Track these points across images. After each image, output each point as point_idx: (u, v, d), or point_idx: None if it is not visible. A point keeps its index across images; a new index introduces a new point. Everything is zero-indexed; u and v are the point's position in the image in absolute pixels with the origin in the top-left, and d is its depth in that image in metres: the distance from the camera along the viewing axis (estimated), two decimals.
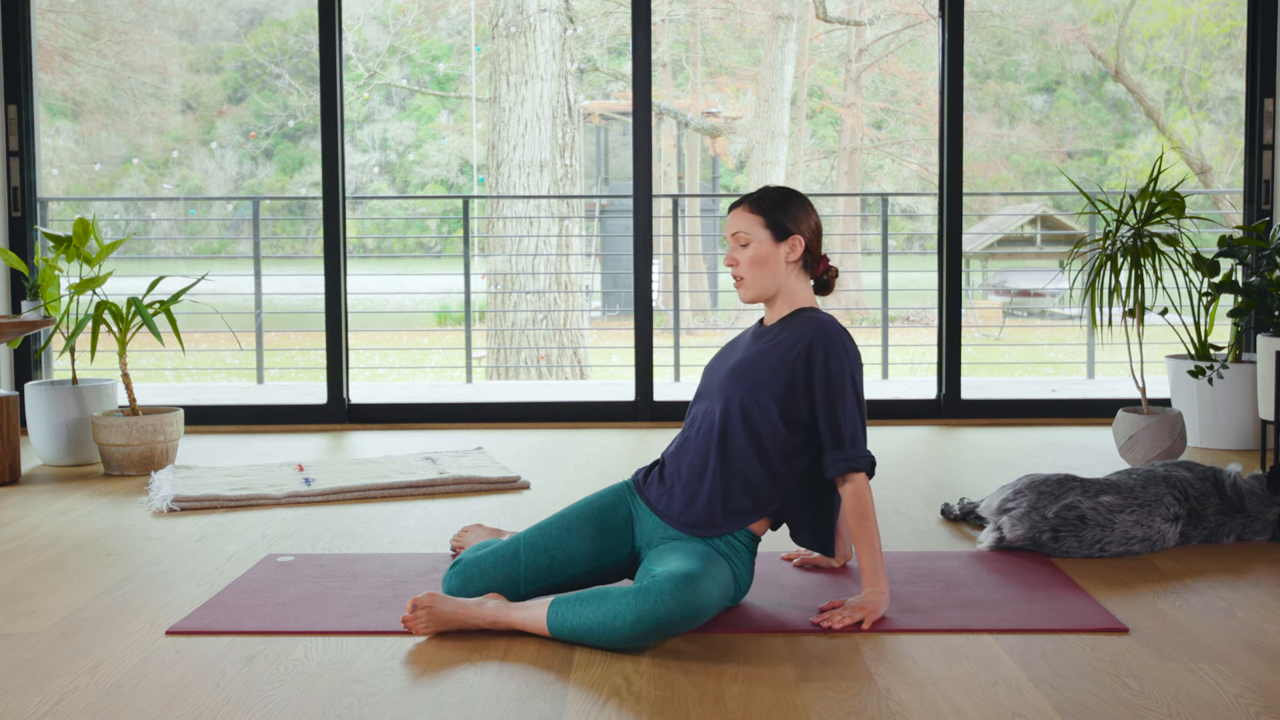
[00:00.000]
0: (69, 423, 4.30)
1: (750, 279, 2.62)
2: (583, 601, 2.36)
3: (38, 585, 2.88)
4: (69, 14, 13.68)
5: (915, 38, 15.28)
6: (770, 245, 2.61)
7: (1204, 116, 14.83)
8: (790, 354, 2.56)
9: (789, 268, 2.63)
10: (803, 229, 2.62)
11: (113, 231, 12.97)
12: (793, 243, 2.61)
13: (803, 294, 2.67)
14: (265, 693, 2.18)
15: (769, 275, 2.62)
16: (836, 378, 2.53)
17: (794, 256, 2.62)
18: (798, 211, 2.63)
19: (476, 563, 2.60)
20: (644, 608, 2.28)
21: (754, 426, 2.55)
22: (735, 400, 2.57)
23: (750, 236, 2.61)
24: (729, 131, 15.71)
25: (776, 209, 2.62)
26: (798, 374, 2.55)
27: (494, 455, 4.41)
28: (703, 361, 10.78)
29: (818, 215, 2.68)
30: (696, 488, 2.57)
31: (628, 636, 2.30)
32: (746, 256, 2.61)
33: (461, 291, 7.85)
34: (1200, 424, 4.54)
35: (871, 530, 2.54)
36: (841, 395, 2.53)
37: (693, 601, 2.31)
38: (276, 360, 10.49)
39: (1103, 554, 3.03)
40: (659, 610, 2.28)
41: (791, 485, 2.59)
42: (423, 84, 16.19)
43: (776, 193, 2.65)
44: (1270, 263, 4.32)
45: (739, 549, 2.56)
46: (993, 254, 15.98)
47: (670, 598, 2.29)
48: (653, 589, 2.30)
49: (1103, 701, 2.13)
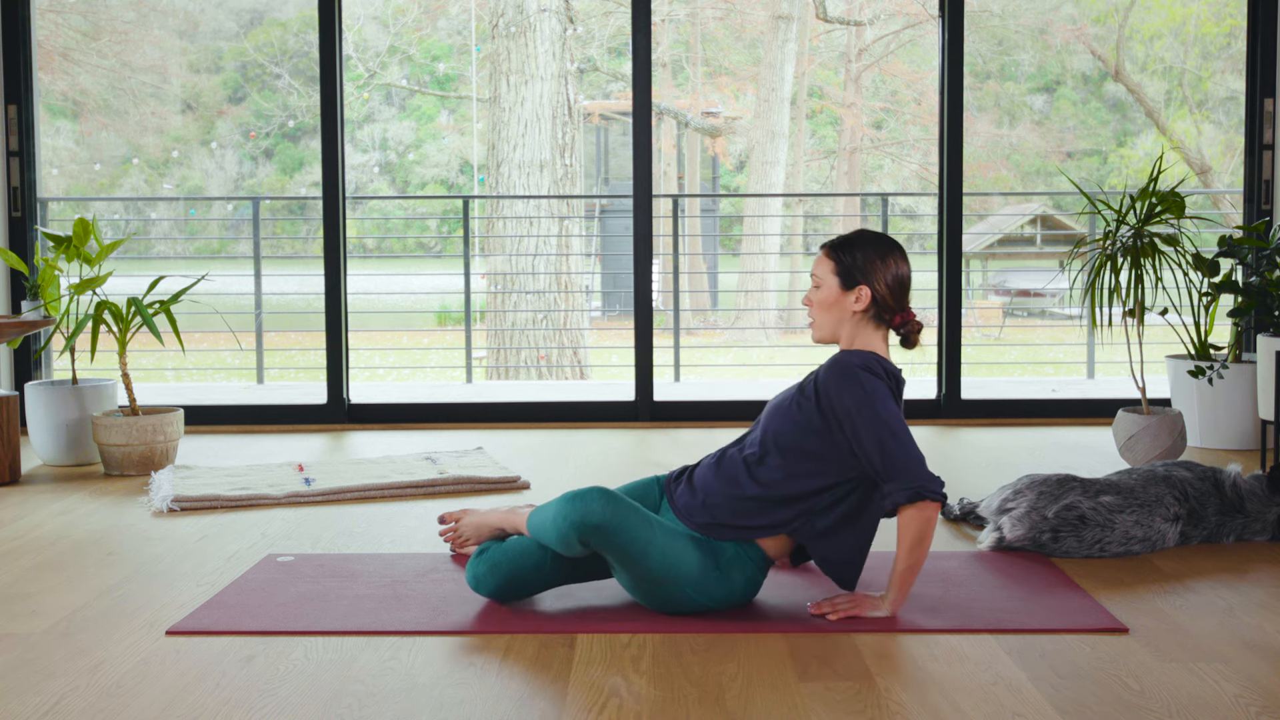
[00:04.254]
0: (69, 423, 4.30)
1: (818, 320, 2.68)
2: (543, 508, 2.60)
3: (38, 585, 2.88)
4: (69, 14, 13.68)
5: (915, 38, 15.28)
6: (837, 292, 2.64)
7: (1204, 116, 14.82)
8: (809, 392, 2.60)
9: (856, 317, 2.64)
10: (874, 280, 2.62)
11: (113, 231, 12.97)
12: (859, 293, 2.62)
13: (870, 343, 2.66)
14: (265, 693, 2.18)
15: (834, 320, 2.66)
16: (848, 412, 2.52)
17: (859, 306, 2.62)
18: (873, 263, 2.62)
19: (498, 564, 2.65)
20: (569, 508, 2.48)
21: (780, 455, 2.58)
22: (771, 430, 2.61)
23: (822, 280, 2.66)
24: (729, 131, 15.71)
25: (850, 257, 2.63)
26: (810, 409, 2.57)
27: (494, 455, 4.41)
28: (702, 361, 10.78)
29: (903, 268, 2.64)
30: (718, 498, 2.61)
31: (560, 533, 2.50)
32: (817, 298, 2.67)
33: (461, 291, 7.85)
34: (1200, 424, 4.54)
35: (916, 557, 2.52)
36: (862, 428, 2.50)
37: (616, 514, 2.47)
38: (276, 360, 10.49)
39: (1103, 554, 3.03)
40: (577, 513, 2.47)
41: (804, 514, 2.58)
42: (423, 84, 16.19)
43: (860, 241, 2.65)
44: (1270, 263, 4.32)
45: (743, 559, 2.58)
46: (993, 254, 15.98)
47: (595, 503, 2.47)
48: (580, 494, 2.49)
49: (1103, 701, 2.13)
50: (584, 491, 2.49)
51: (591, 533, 2.46)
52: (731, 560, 2.56)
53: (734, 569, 2.56)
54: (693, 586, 2.52)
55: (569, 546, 2.50)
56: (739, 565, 2.57)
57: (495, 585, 2.63)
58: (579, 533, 2.46)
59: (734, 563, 2.56)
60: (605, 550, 2.49)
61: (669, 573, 2.50)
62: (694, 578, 2.52)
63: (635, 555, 2.48)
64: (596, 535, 2.46)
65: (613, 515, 2.46)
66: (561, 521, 2.48)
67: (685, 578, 2.52)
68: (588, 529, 2.45)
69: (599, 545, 2.48)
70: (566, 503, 2.49)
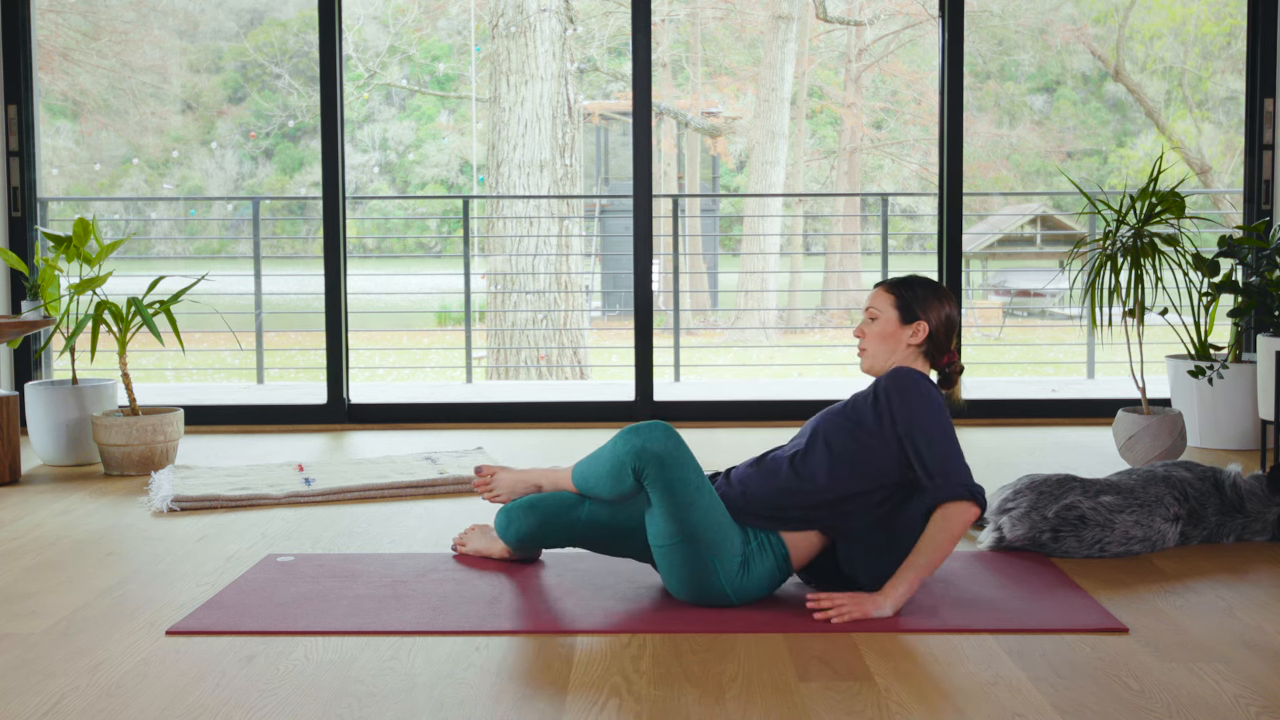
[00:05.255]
0: (69, 423, 4.30)
1: (871, 350, 2.76)
2: (594, 454, 2.67)
3: (38, 585, 2.88)
4: (69, 14, 13.68)
5: (915, 38, 15.27)
6: (895, 324, 2.74)
7: (1204, 116, 14.82)
8: (866, 397, 2.67)
9: (909, 350, 2.74)
10: (930, 317, 2.73)
11: (113, 231, 12.97)
12: (917, 327, 2.73)
13: None
14: (265, 693, 2.18)
15: (888, 352, 2.74)
16: (910, 414, 2.59)
17: (916, 340, 2.73)
18: (930, 300, 2.74)
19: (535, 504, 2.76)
20: (631, 439, 2.57)
21: (828, 452, 2.63)
22: (823, 429, 2.68)
23: (880, 313, 2.75)
24: (729, 131, 15.70)
25: (909, 292, 2.75)
26: (865, 410, 2.64)
27: (494, 455, 4.41)
28: (703, 361, 10.78)
29: (955, 312, 2.77)
30: (756, 489, 2.66)
31: (617, 465, 2.58)
32: (873, 330, 2.76)
33: (461, 291, 7.85)
34: (1200, 424, 4.54)
35: (935, 556, 2.55)
36: (919, 430, 2.58)
37: (677, 449, 2.55)
38: (276, 360, 10.49)
39: (1103, 554, 3.03)
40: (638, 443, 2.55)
41: (840, 515, 2.64)
42: (423, 84, 16.18)
43: (918, 281, 2.78)
44: (1270, 263, 4.32)
45: (766, 552, 2.62)
46: (993, 254, 15.98)
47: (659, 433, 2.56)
48: (643, 427, 2.58)
49: (1103, 701, 2.13)
50: (647, 424, 2.59)
51: (650, 461, 2.53)
52: (755, 551, 2.62)
53: (755, 560, 2.61)
54: (718, 557, 2.57)
55: (620, 480, 2.57)
56: (760, 558, 2.62)
57: (526, 526, 2.74)
58: (638, 459, 2.53)
59: (757, 554, 2.62)
60: (656, 486, 2.55)
61: (704, 531, 2.55)
62: (723, 547, 2.57)
63: (682, 499, 2.54)
64: (654, 465, 2.53)
65: (675, 448, 2.55)
66: (623, 448, 2.56)
67: (716, 542, 2.56)
68: (648, 455, 2.53)
69: (653, 478, 2.55)
70: (629, 433, 2.58)
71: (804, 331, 14.22)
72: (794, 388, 7.08)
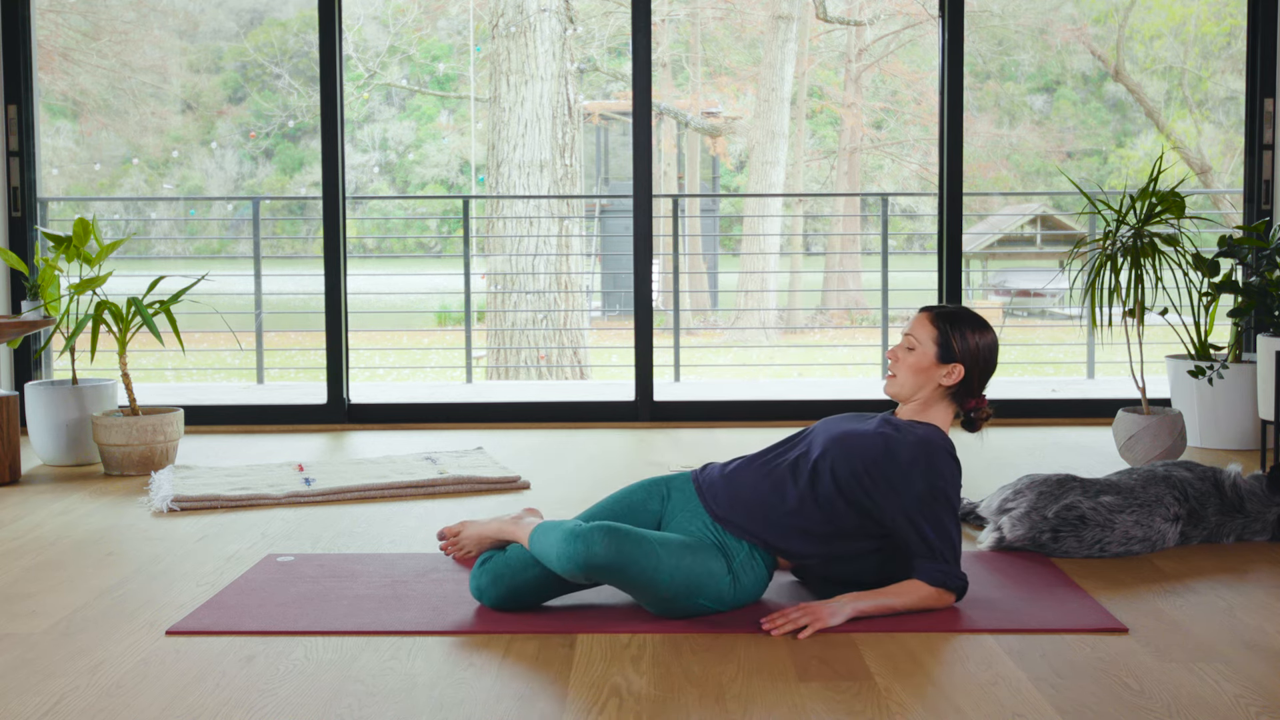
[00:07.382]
0: (69, 423, 4.30)
1: (901, 378, 2.70)
2: (546, 531, 2.54)
3: (38, 585, 2.88)
4: (69, 14, 13.68)
5: (915, 38, 15.27)
6: (931, 361, 2.67)
7: (1204, 116, 14.82)
8: (890, 451, 2.56)
9: (940, 389, 2.69)
10: (967, 361, 2.66)
11: (113, 231, 12.97)
12: (953, 369, 2.67)
13: (939, 416, 2.70)
14: (265, 693, 2.18)
15: (918, 385, 2.69)
16: (920, 497, 2.53)
17: (948, 381, 2.67)
18: (971, 344, 2.67)
19: (499, 576, 2.62)
20: (572, 549, 2.44)
21: (836, 491, 2.58)
22: (828, 461, 2.60)
23: (919, 344, 2.68)
24: (729, 131, 15.70)
25: (955, 331, 2.67)
26: (885, 474, 2.55)
27: (494, 455, 4.41)
28: (702, 361, 10.78)
29: (995, 359, 2.70)
30: (757, 506, 2.61)
31: (564, 571, 2.46)
32: (908, 360, 2.68)
33: (461, 291, 7.85)
34: (1200, 424, 4.54)
35: (898, 604, 2.53)
36: (927, 511, 2.53)
37: (620, 552, 2.43)
38: (276, 360, 10.49)
39: (1103, 554, 3.03)
40: (580, 554, 2.43)
41: (827, 560, 2.63)
42: (423, 84, 16.18)
43: (965, 319, 2.69)
44: (1270, 263, 4.32)
45: (754, 563, 2.59)
46: (993, 254, 15.98)
47: (598, 544, 2.42)
48: (582, 534, 2.44)
49: (1103, 701, 2.13)
50: (586, 531, 2.44)
51: (597, 571, 2.45)
52: (744, 563, 2.58)
53: (745, 572, 2.58)
54: (705, 596, 2.53)
55: (573, 579, 2.49)
56: (750, 569, 2.59)
57: (498, 596, 2.62)
58: (584, 572, 2.45)
59: (746, 566, 2.58)
60: (612, 583, 2.49)
61: (679, 589, 2.50)
62: (706, 588, 2.52)
63: (644, 584, 2.48)
64: (602, 574, 2.46)
65: (616, 554, 2.43)
66: (565, 561, 2.45)
67: (697, 590, 2.51)
68: (593, 569, 2.44)
69: (605, 580, 2.48)
70: (570, 541, 2.44)
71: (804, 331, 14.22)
72: (794, 388, 7.08)
